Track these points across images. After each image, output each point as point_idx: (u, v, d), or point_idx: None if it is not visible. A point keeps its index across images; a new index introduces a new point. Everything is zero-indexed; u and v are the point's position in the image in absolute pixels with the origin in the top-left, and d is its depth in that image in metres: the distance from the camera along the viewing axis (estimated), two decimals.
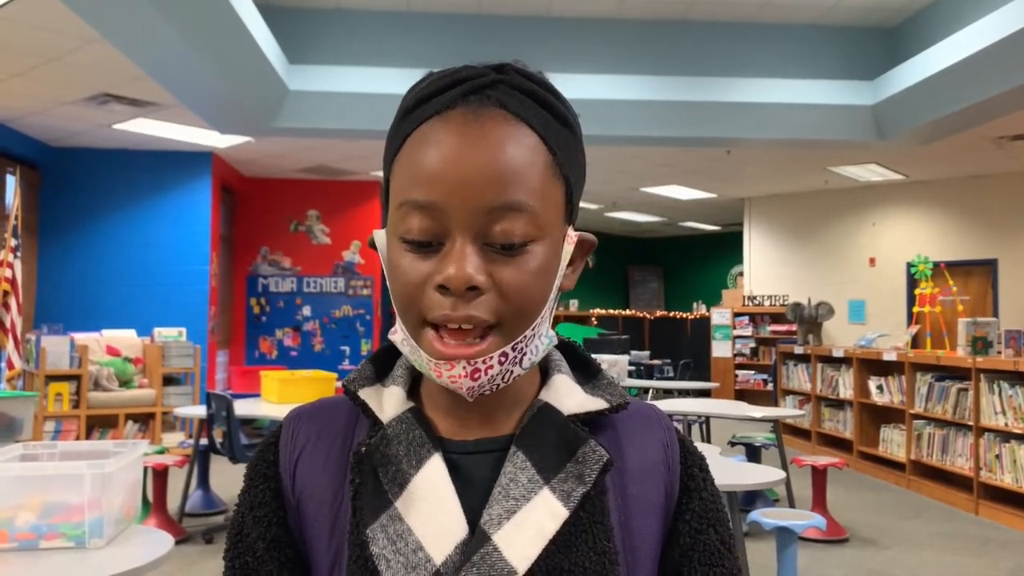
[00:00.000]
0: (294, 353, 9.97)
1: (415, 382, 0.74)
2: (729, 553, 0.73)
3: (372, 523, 0.65)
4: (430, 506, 0.65)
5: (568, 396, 0.71)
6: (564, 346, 0.77)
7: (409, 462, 0.66)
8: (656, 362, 11.28)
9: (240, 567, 0.71)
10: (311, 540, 0.71)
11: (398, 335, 0.69)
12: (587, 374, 0.76)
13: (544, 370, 0.74)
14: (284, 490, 0.72)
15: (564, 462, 0.67)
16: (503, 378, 0.66)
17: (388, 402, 0.71)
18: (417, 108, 0.66)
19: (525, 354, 0.67)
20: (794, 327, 9.48)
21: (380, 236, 0.71)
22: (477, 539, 0.63)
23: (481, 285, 0.62)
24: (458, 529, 0.64)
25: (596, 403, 0.71)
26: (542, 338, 0.69)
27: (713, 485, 0.76)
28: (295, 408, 0.76)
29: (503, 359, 0.65)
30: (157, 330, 7.56)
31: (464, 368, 0.63)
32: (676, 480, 0.74)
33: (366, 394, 0.71)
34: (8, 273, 6.16)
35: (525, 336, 0.65)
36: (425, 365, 0.65)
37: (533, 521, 0.64)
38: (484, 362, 0.64)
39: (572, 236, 0.70)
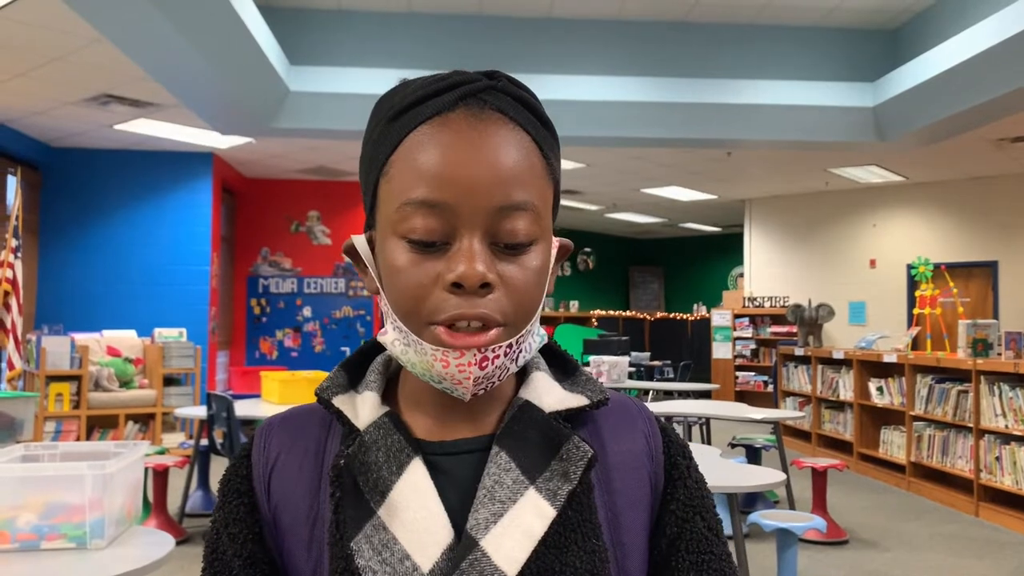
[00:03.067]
0: (295, 354, 9.97)
1: (388, 387, 0.73)
2: (717, 539, 0.72)
3: (356, 535, 0.63)
4: (414, 513, 0.64)
5: (548, 393, 0.71)
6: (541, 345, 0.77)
7: (389, 468, 0.65)
8: (656, 363, 11.26)
9: None
10: (288, 553, 0.69)
11: (389, 335, 0.68)
12: (565, 371, 0.75)
13: (522, 368, 0.73)
14: (260, 505, 0.71)
15: (548, 460, 0.66)
16: (499, 375, 0.66)
17: (363, 408, 0.69)
18: (410, 111, 0.65)
19: (521, 351, 0.67)
20: (794, 329, 9.48)
21: (362, 241, 0.70)
22: (464, 545, 0.62)
23: (493, 282, 0.63)
24: (444, 535, 0.63)
25: (577, 400, 0.71)
26: (534, 336, 0.69)
27: (697, 472, 0.75)
28: (266, 420, 0.76)
29: (508, 350, 0.65)
30: (157, 331, 7.56)
31: (474, 356, 0.63)
32: (660, 471, 0.73)
33: (340, 401, 0.70)
34: (9, 273, 6.17)
35: (523, 332, 0.66)
36: (429, 358, 0.64)
37: (521, 523, 0.63)
38: (492, 351, 0.64)
39: (554, 240, 0.71)
